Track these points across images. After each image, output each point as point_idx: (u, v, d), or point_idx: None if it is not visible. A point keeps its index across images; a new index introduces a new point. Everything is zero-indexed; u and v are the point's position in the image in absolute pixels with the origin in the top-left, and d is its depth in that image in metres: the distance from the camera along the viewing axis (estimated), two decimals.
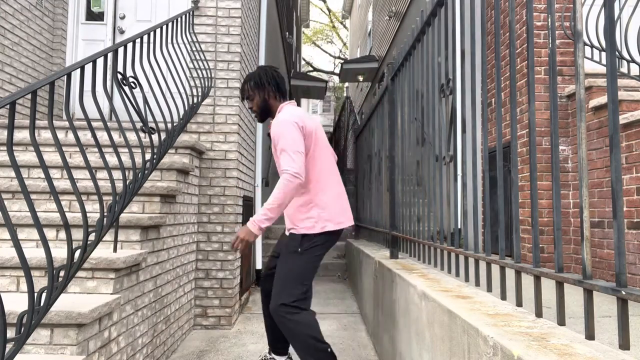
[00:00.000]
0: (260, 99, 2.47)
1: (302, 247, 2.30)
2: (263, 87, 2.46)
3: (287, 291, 2.24)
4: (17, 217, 2.45)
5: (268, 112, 2.49)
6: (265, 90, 2.46)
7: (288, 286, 2.25)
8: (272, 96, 2.47)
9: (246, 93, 2.50)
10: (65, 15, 4.16)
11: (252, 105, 2.49)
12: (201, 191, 3.72)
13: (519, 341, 1.06)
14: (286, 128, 2.25)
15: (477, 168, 1.71)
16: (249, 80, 2.49)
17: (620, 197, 0.95)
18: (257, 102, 2.48)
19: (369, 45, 15.30)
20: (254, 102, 2.48)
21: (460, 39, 1.81)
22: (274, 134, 2.28)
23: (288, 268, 2.30)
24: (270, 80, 2.47)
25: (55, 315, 1.80)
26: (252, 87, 2.47)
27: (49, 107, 1.80)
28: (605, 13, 1.00)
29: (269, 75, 2.49)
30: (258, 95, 2.47)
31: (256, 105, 2.48)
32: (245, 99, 2.51)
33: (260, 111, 2.49)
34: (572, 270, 3.25)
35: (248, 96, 2.49)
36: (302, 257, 2.30)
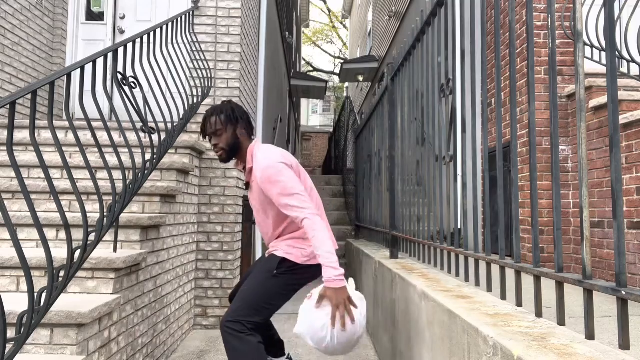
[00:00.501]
0: (230, 135, 2.14)
1: (278, 270, 2.06)
2: (235, 122, 2.16)
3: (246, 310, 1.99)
4: (17, 217, 2.45)
5: (236, 150, 2.17)
6: (238, 125, 2.16)
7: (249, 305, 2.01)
8: (244, 133, 2.18)
9: (212, 128, 2.13)
10: (65, 15, 4.16)
11: (219, 142, 2.13)
12: (201, 191, 3.72)
13: (519, 341, 1.06)
14: (278, 172, 2.00)
15: (477, 168, 1.71)
16: (217, 113, 2.15)
17: (620, 197, 0.95)
18: (227, 138, 2.13)
19: (369, 45, 15.30)
20: (222, 138, 2.13)
21: (460, 39, 1.81)
22: (266, 181, 2.01)
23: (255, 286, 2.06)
24: (242, 114, 2.20)
25: (55, 315, 1.80)
26: (222, 121, 2.13)
27: (49, 107, 1.80)
28: (605, 13, 1.00)
29: (241, 109, 2.22)
30: (228, 131, 2.14)
31: (225, 142, 2.13)
32: (209, 134, 2.15)
33: (229, 149, 2.15)
34: (572, 270, 3.25)
35: (215, 132, 2.13)
36: (273, 280, 2.06)
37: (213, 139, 2.15)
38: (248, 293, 2.05)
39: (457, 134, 1.95)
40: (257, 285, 2.06)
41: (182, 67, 3.34)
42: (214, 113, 2.15)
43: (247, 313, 1.99)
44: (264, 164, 2.05)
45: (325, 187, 8.94)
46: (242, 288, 2.09)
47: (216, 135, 2.14)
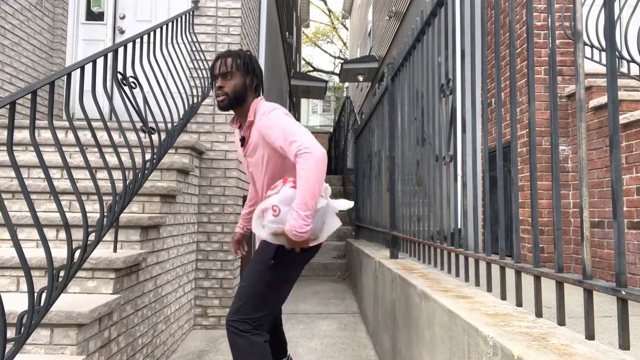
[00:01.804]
0: (240, 83, 1.97)
1: (275, 260, 1.89)
2: (249, 73, 2.00)
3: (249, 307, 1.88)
4: (17, 217, 2.45)
5: (239, 102, 1.99)
6: (250, 77, 2.00)
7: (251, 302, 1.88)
8: (252, 87, 2.02)
9: (224, 68, 1.96)
10: (65, 15, 4.16)
11: (225, 85, 1.95)
12: (201, 191, 3.72)
13: (519, 341, 1.06)
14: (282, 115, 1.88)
15: (477, 168, 1.71)
16: (234, 56, 1.98)
17: (620, 197, 0.95)
18: (234, 85, 1.96)
19: (369, 45, 15.30)
20: (230, 82, 1.96)
21: (460, 39, 1.81)
22: (266, 126, 1.87)
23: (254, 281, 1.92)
24: (258, 69, 2.05)
25: (55, 315, 1.80)
26: (236, 65, 1.97)
27: (49, 107, 1.80)
28: (605, 13, 1.00)
29: (258, 65, 2.06)
30: (240, 78, 1.97)
31: (232, 87, 1.95)
32: (218, 75, 1.97)
33: (233, 97, 1.96)
34: (572, 270, 3.25)
35: (225, 73, 1.95)
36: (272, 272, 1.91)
37: (220, 80, 1.96)
38: (248, 289, 1.91)
39: (457, 134, 1.95)
40: (256, 280, 1.91)
41: (182, 67, 3.34)
42: (230, 55, 1.98)
43: (251, 310, 1.87)
44: (269, 109, 1.92)
45: None
46: (241, 283, 1.95)
47: (225, 78, 1.96)
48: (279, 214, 1.74)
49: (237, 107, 2.00)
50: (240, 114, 2.03)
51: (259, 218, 1.80)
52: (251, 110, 1.97)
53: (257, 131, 1.92)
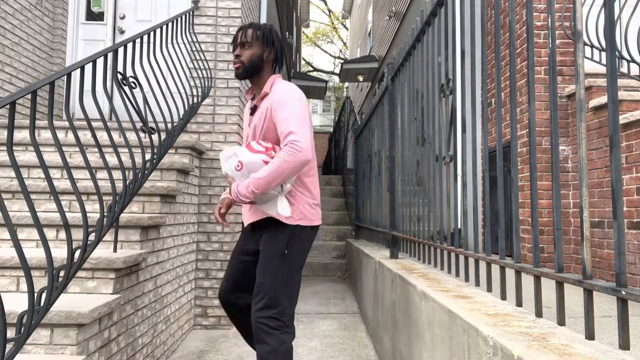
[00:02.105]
0: (257, 54, 1.98)
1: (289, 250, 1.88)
2: (268, 45, 2.00)
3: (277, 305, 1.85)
4: (17, 217, 2.45)
5: (254, 73, 2.00)
6: (269, 50, 2.01)
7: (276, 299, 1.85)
8: (270, 60, 2.03)
9: (243, 38, 1.98)
10: (65, 15, 4.16)
11: (242, 54, 1.97)
12: (201, 191, 3.72)
13: (519, 341, 1.06)
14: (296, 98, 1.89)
15: (477, 168, 1.71)
16: (255, 28, 2.00)
17: (620, 197, 0.95)
18: (251, 55, 1.97)
19: (369, 45, 15.30)
20: (247, 52, 1.97)
21: (460, 39, 1.81)
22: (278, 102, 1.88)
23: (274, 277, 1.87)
24: (279, 45, 2.05)
25: (55, 315, 1.80)
26: (256, 37, 1.98)
27: (49, 107, 1.80)
28: (605, 13, 1.00)
29: (280, 42, 2.05)
30: (258, 49, 1.98)
31: (248, 57, 1.97)
32: (238, 44, 1.99)
33: (249, 66, 1.97)
34: (572, 270, 3.25)
35: (243, 42, 1.97)
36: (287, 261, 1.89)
37: (238, 49, 1.99)
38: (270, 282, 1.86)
39: (457, 134, 1.95)
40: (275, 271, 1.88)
41: (182, 67, 3.34)
42: (251, 26, 2.01)
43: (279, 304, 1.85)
44: (287, 87, 1.94)
45: (325, 187, 8.94)
46: (259, 279, 1.89)
47: (243, 47, 1.98)
48: (241, 169, 1.83)
49: (253, 78, 2.02)
50: (256, 85, 2.04)
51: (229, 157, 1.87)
52: (268, 83, 1.99)
53: (268, 101, 1.94)
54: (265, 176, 1.76)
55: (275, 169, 1.76)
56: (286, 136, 1.80)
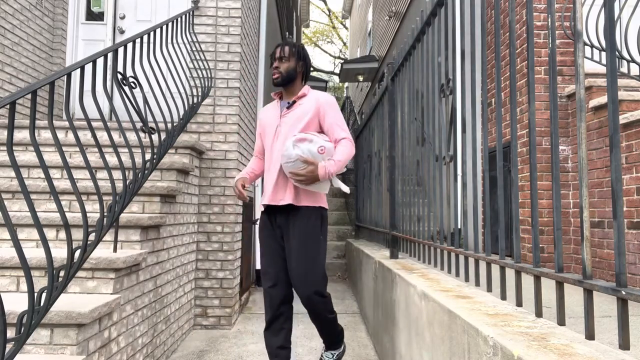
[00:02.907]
0: (292, 68, 2.47)
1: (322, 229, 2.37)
2: (300, 60, 2.50)
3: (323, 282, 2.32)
4: (17, 217, 2.45)
5: (289, 82, 2.48)
6: (301, 65, 2.51)
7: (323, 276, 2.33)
8: (301, 74, 2.52)
9: (282, 53, 2.46)
10: (65, 15, 4.16)
11: (281, 66, 2.46)
12: (201, 191, 3.72)
13: (519, 341, 1.06)
14: (339, 108, 2.50)
15: (477, 168, 1.71)
16: (291, 46, 2.50)
17: (620, 197, 0.95)
18: (288, 68, 2.46)
19: (369, 45, 15.30)
20: (285, 65, 2.46)
21: (460, 39, 1.81)
22: (334, 106, 2.45)
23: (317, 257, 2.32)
24: (308, 62, 2.56)
25: (55, 315, 1.80)
26: (292, 53, 2.47)
27: (49, 107, 1.80)
28: (605, 13, 1.00)
29: (309, 60, 2.58)
30: (293, 63, 2.48)
31: (285, 69, 2.46)
32: (277, 58, 2.47)
33: (286, 76, 2.46)
34: (572, 270, 3.25)
35: (281, 57, 2.46)
36: (322, 241, 2.37)
37: (277, 62, 2.47)
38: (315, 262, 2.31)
39: (457, 134, 1.95)
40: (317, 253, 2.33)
41: (182, 67, 3.34)
42: (288, 44, 2.51)
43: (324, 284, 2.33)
44: (329, 95, 2.49)
45: None
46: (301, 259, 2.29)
47: (281, 61, 2.47)
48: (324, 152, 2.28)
49: (287, 86, 2.50)
50: (289, 92, 2.52)
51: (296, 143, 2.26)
52: (302, 90, 2.50)
53: (314, 101, 2.43)
54: (344, 160, 2.33)
55: (348, 154, 2.35)
56: (339, 134, 2.40)
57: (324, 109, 2.42)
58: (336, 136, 2.39)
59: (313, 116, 2.40)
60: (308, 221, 2.33)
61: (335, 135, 2.40)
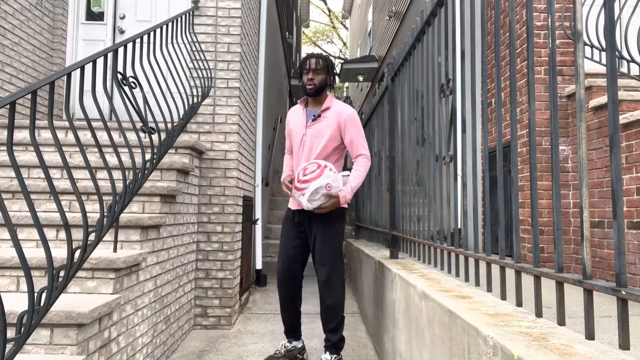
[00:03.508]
0: (323, 80, 2.73)
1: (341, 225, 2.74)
2: (329, 73, 2.77)
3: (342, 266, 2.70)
4: (17, 217, 2.45)
5: (321, 91, 2.74)
6: (331, 76, 2.78)
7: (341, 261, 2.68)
8: (329, 84, 2.79)
9: (317, 65, 2.70)
10: (65, 15, 4.16)
11: (315, 78, 2.70)
12: (201, 191, 3.72)
13: (519, 341, 1.06)
14: (359, 122, 2.74)
15: (477, 168, 1.71)
16: (324, 58, 2.75)
17: (620, 197, 0.95)
18: (321, 80, 2.72)
19: (369, 45, 15.30)
20: (319, 77, 2.71)
21: (460, 39, 1.81)
22: (356, 121, 2.71)
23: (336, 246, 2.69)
24: (335, 72, 2.84)
25: (55, 315, 1.80)
26: (325, 67, 2.73)
27: (49, 107, 1.80)
28: (605, 13, 1.00)
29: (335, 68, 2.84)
30: (325, 76, 2.73)
31: (319, 81, 2.71)
32: (312, 70, 2.70)
33: (319, 87, 2.71)
34: (572, 270, 3.25)
35: (316, 69, 2.70)
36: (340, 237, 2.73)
37: (311, 73, 2.71)
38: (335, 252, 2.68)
39: (457, 134, 1.95)
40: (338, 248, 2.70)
41: (182, 67, 3.34)
42: (320, 57, 2.75)
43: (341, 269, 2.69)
44: (351, 110, 2.74)
45: None
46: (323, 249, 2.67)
47: (315, 72, 2.72)
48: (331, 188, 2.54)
49: (316, 96, 2.75)
50: (316, 101, 2.78)
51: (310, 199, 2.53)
52: (328, 100, 2.76)
53: (336, 116, 2.70)
54: (359, 181, 2.67)
55: (363, 175, 2.69)
56: (359, 150, 2.71)
57: (345, 125, 2.68)
58: (355, 152, 2.71)
59: (334, 131, 2.69)
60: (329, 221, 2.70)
61: (354, 150, 2.71)
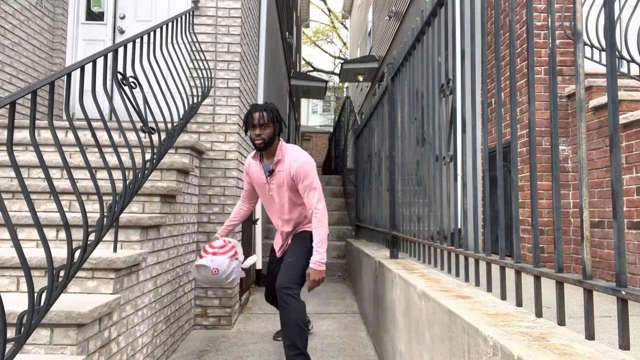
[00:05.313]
0: (271, 132, 2.69)
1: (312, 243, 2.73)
2: (277, 123, 2.71)
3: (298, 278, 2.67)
4: (17, 217, 2.45)
5: (271, 144, 2.71)
6: (277, 127, 2.72)
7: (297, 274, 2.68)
8: (277, 133, 2.73)
9: (263, 120, 2.65)
10: (65, 15, 4.16)
11: (263, 133, 2.66)
12: (201, 191, 3.72)
13: (519, 341, 1.06)
14: (313, 169, 2.71)
15: (477, 168, 1.71)
16: (268, 110, 2.67)
17: (620, 197, 0.95)
18: (269, 133, 2.68)
19: (369, 45, 15.30)
20: (267, 131, 2.67)
21: (460, 39, 1.81)
22: (303, 172, 2.66)
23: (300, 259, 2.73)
24: (280, 119, 2.76)
25: (55, 315, 1.80)
26: (270, 118, 2.67)
27: (49, 107, 1.80)
28: (605, 13, 1.00)
29: (279, 114, 2.76)
30: (272, 127, 2.68)
31: (267, 135, 2.67)
32: (258, 125, 2.65)
33: (268, 141, 2.68)
34: (572, 270, 3.25)
35: (263, 124, 2.65)
36: (309, 254, 2.72)
37: (258, 129, 2.66)
38: (295, 264, 2.70)
39: (457, 134, 1.95)
40: (301, 258, 2.73)
41: (182, 67, 3.34)
42: (265, 110, 2.68)
43: (298, 279, 2.66)
44: (304, 158, 2.69)
45: (326, 187, 8.94)
46: (288, 260, 2.72)
47: (262, 127, 2.66)
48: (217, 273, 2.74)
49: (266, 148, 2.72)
50: (267, 152, 2.76)
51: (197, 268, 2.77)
52: (278, 150, 2.73)
53: (287, 169, 2.69)
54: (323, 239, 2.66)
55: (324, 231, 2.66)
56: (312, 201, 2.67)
57: (297, 178, 2.68)
58: (308, 205, 2.69)
59: (291, 184, 2.73)
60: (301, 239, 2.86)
61: (308, 201, 2.68)
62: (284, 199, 2.79)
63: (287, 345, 2.54)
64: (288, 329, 2.53)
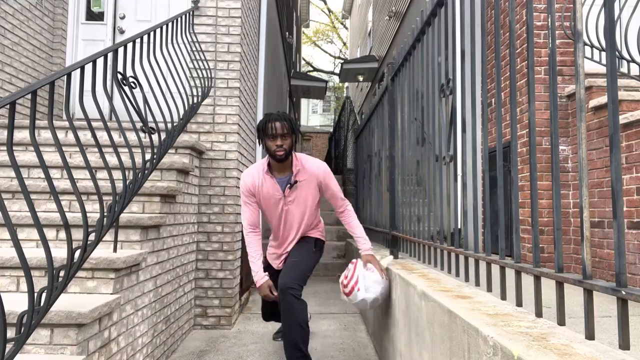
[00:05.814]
0: (292, 142, 2.65)
1: (315, 248, 2.85)
2: (295, 133, 2.70)
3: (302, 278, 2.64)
4: (17, 217, 2.45)
5: (290, 154, 2.66)
6: (295, 137, 2.71)
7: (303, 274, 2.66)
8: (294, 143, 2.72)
9: (284, 130, 2.59)
10: (65, 15, 4.16)
11: (284, 143, 2.59)
12: (201, 191, 3.72)
13: (519, 341, 1.06)
14: (332, 175, 2.80)
15: (477, 168, 1.71)
16: (287, 120, 2.63)
17: (620, 197, 0.95)
18: (290, 143, 2.63)
19: (369, 45, 15.30)
20: (288, 142, 2.62)
21: (460, 39, 1.81)
22: (330, 176, 2.75)
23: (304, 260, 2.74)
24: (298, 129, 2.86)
25: (55, 315, 1.80)
26: (290, 129, 2.63)
27: (49, 107, 1.80)
28: (605, 13, 1.00)
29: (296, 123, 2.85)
30: (292, 138, 2.65)
31: (288, 145, 2.62)
32: (280, 135, 2.58)
33: (289, 151, 2.63)
34: (572, 270, 3.25)
35: (284, 134, 2.59)
36: (314, 255, 2.82)
37: (280, 139, 2.59)
38: (301, 265, 2.69)
39: (457, 134, 1.95)
40: (306, 259, 2.75)
41: (182, 67, 3.34)
42: (285, 119, 2.62)
43: (302, 280, 2.63)
44: (323, 165, 2.76)
45: None
46: (293, 260, 2.72)
47: (283, 138, 2.60)
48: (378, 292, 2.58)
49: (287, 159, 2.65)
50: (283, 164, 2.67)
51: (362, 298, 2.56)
52: (295, 160, 2.69)
53: (314, 177, 2.71)
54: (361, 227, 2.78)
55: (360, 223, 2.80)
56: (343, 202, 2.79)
57: (325, 184, 2.73)
58: (339, 205, 2.79)
59: (315, 193, 2.75)
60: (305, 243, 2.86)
61: (338, 203, 2.79)
62: (306, 208, 2.75)
63: (288, 346, 2.51)
64: (290, 330, 2.50)
